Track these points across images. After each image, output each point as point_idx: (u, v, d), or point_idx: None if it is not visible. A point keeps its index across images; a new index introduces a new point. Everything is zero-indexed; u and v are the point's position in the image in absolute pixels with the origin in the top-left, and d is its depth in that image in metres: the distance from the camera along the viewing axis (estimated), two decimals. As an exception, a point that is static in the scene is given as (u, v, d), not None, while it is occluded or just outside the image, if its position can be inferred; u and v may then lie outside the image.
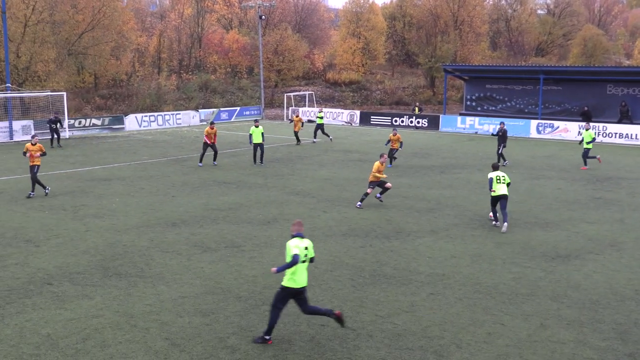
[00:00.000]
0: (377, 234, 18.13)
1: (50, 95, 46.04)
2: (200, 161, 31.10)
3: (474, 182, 26.10)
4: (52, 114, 41.06)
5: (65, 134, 44.12)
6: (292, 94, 64.50)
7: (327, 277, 14.44)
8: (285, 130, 47.72)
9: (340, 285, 14.00)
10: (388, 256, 16.11)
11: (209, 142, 31.10)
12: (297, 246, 10.85)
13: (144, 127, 50.62)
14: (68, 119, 45.18)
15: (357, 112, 54.89)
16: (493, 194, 18.71)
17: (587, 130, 31.28)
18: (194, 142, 41.05)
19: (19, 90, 45.75)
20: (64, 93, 44.94)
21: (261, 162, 31.28)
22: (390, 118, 52.69)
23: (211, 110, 57.65)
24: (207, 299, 13.09)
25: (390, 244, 17.20)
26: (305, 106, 63.38)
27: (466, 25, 78.16)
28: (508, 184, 18.84)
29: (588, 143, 30.78)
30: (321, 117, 41.24)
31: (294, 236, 11.08)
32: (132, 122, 50.08)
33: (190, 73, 71.70)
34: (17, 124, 43.26)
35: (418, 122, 50.88)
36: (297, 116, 40.80)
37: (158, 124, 51.73)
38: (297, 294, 10.90)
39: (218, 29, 79.37)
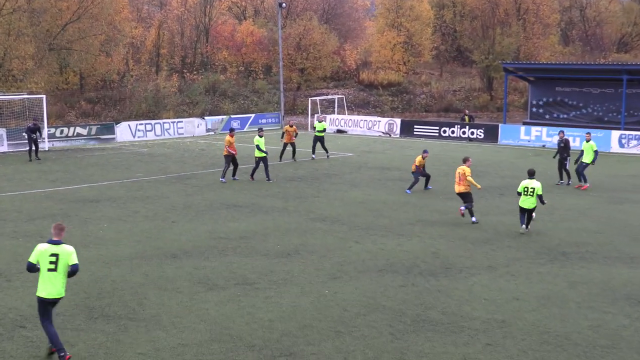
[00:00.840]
0: (421, 270, 18.03)
1: (27, 98, 46.69)
2: (223, 176, 31.57)
3: (541, 207, 25.92)
4: (31, 122, 41.65)
5: (45, 145, 44.65)
6: (317, 98, 64.74)
7: (360, 323, 14.37)
8: (309, 143, 47.76)
9: (375, 332, 13.93)
10: (435, 297, 16.01)
11: (233, 153, 31.92)
12: (38, 252, 12.16)
13: (138, 137, 51.10)
14: (48, 127, 45.78)
15: (397, 121, 54.92)
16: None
17: None
18: (199, 156, 41.31)
19: (-11, 92, 46.46)
20: (44, 96, 45.57)
21: (268, 179, 31.77)
22: (437, 128, 52.64)
23: (220, 117, 58.06)
24: (213, 348, 13.10)
25: (438, 282, 17.08)
26: (334, 112, 63.56)
27: (531, 14, 78.06)
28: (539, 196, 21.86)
29: None
30: (322, 129, 40.44)
31: (47, 241, 12.20)
32: (125, 132, 50.57)
33: (195, 72, 72.33)
34: (-13, 134, 43.91)
35: (472, 133, 50.74)
36: (290, 125, 39.87)
37: (156, 134, 52.18)
38: (51, 305, 12.21)
39: (229, 20, 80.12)
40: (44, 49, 56.88)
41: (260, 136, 32.30)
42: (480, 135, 50.55)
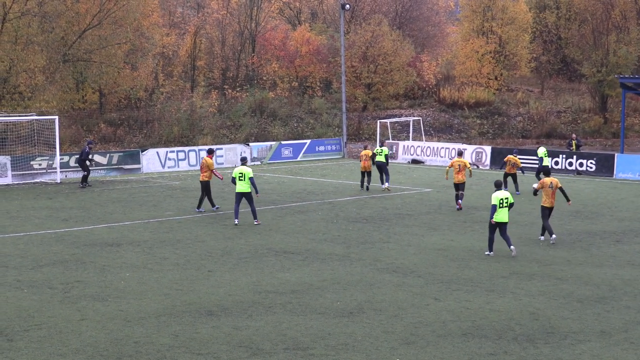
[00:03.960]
0: (515, 335, 17.81)
1: (37, 120, 47.57)
2: (214, 205, 32.13)
3: (669, 258, 25.49)
4: (86, 143, 44.33)
5: (56, 176, 45.45)
6: (388, 120, 64.86)
7: (439, 400, 14.23)
8: (377, 175, 47.75)
9: (458, 412, 13.77)
10: (533, 369, 15.78)
11: (220, 178, 34.04)
12: None
13: (169, 167, 51.70)
14: (60, 154, 46.57)
15: (487, 149, 54.66)
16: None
17: None
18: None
19: (-8, 112, 47.51)
20: (56, 117, 46.44)
21: (254, 219, 31.73)
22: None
23: (268, 144, 58.55)
24: None
25: (537, 350, 16.85)
26: (408, 138, 63.55)
27: (656, 17, 77.29)
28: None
29: None
30: (382, 153, 42.49)
31: None
32: (153, 161, 51.19)
33: (238, 89, 73.11)
34: (-12, 162, 44.84)
35: (581, 165, 50.22)
36: (365, 147, 43.09)
37: (190, 164, 52.76)
38: None
39: (280, 25, 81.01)
40: (57, 61, 58.10)
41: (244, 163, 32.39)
42: (591, 167, 49.98)
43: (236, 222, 31.58)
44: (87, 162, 44.35)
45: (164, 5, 76.68)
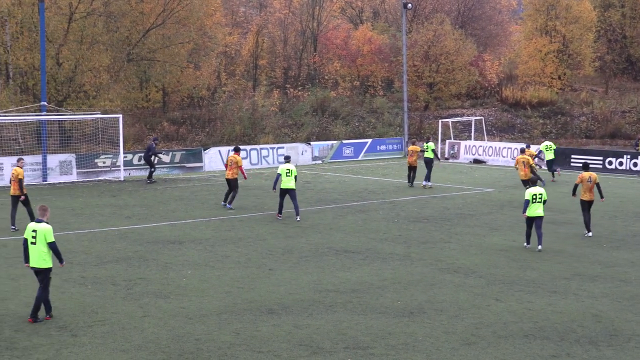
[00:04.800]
0: (578, 337, 17.63)
1: (101, 118, 48.12)
2: (230, 202, 32.66)
3: None
4: (151, 139, 45.08)
5: (120, 174, 45.97)
6: (450, 120, 64.57)
7: (500, 401, 14.13)
8: (440, 175, 47.65)
9: (519, 414, 13.67)
10: (596, 372, 15.62)
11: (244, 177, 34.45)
12: (26, 229, 18.60)
13: (231, 166, 51.92)
14: (124, 153, 47.05)
15: (550, 149, 54.09)
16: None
17: None
18: (303, 190, 41.64)
19: (57, 110, 48.17)
20: (120, 116, 46.91)
21: (297, 217, 32.39)
22: (601, 159, 51.62)
23: (329, 143, 58.59)
24: None
25: (599, 353, 16.66)
26: (470, 138, 63.22)
27: None
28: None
29: None
30: (429, 149, 43.30)
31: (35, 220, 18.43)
32: (215, 159, 51.50)
33: (300, 88, 73.23)
34: (54, 159, 45.51)
35: (646, 166, 49.55)
36: (413, 143, 43.92)
37: (251, 162, 52.98)
38: (35, 274, 18.48)
39: (342, 24, 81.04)
40: (122, 60, 58.75)
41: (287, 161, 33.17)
42: (656, 168, 49.31)
43: (279, 217, 32.38)
44: (153, 158, 44.96)
45: (226, 5, 77.09)
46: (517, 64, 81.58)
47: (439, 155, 53.00)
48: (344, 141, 59.83)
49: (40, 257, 18.18)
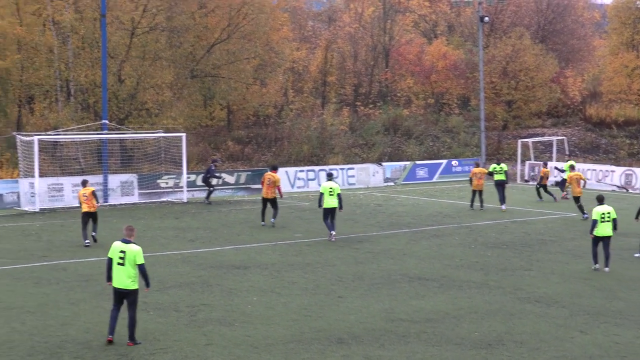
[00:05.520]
0: (670, 373, 17.29)
1: (164, 137, 48.57)
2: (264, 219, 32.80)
3: None
4: (211, 160, 46.11)
5: (183, 195, 46.31)
6: (530, 140, 64.01)
7: None
8: (519, 198, 47.27)
9: None
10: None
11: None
12: (112, 248, 18.82)
13: (298, 187, 52.10)
14: (187, 173, 47.41)
15: (638, 171, 53.35)
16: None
17: None
18: (374, 214, 41.60)
19: (119, 129, 48.76)
20: (183, 134, 47.34)
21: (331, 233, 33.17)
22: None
23: (402, 164, 58.43)
24: None
25: (694, 390, 16.31)
26: (551, 159, 62.63)
27: None
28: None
29: None
30: (502, 170, 43.32)
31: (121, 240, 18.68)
32: (282, 180, 51.46)
33: (371, 105, 73.24)
34: (115, 179, 46.05)
35: None
36: (477, 165, 44.49)
37: (319, 184, 52.93)
38: (120, 295, 18.72)
39: (415, 38, 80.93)
40: (185, 76, 59.35)
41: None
42: None
43: (333, 234, 33.05)
44: (211, 180, 45.38)
45: (294, 19, 77.56)
46: (601, 80, 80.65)
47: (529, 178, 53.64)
48: (418, 162, 59.63)
49: (129, 279, 18.56)
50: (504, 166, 43.41)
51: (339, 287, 24.82)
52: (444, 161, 60.60)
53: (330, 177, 34.62)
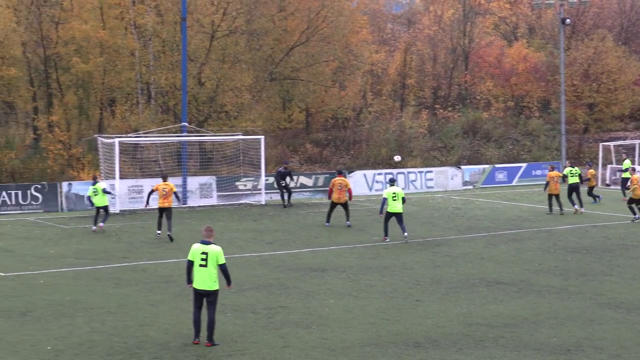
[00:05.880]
0: None
1: (242, 139, 48.96)
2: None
3: None
4: (282, 165, 46.65)
5: (261, 198, 46.62)
6: (612, 143, 63.23)
7: None
8: (600, 202, 46.78)
9: None
10: None
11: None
12: (192, 251, 19.04)
13: (376, 190, 52.11)
14: (265, 175, 47.72)
15: None
16: None
17: None
18: (453, 217, 41.48)
19: (198, 131, 49.27)
20: (262, 137, 47.67)
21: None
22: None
23: (480, 167, 58.11)
24: None
25: None
26: (634, 162, 61.77)
27: None
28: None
29: None
30: (576, 174, 43.38)
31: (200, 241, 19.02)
32: (360, 183, 51.74)
33: (450, 108, 72.95)
34: (194, 182, 46.52)
35: None
36: (552, 169, 43.25)
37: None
38: (201, 296, 18.97)
39: (495, 41, 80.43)
40: (264, 79, 59.75)
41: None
42: None
43: (406, 235, 33.51)
44: (283, 183, 45.54)
45: (373, 22, 77.57)
46: (687, 83, 79.40)
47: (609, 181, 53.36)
48: (497, 165, 59.28)
49: (211, 280, 18.83)
50: (577, 169, 43.40)
51: (417, 291, 24.84)
52: (524, 164, 60.14)
53: (392, 182, 35.00)
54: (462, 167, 57.61)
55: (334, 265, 28.70)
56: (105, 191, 36.01)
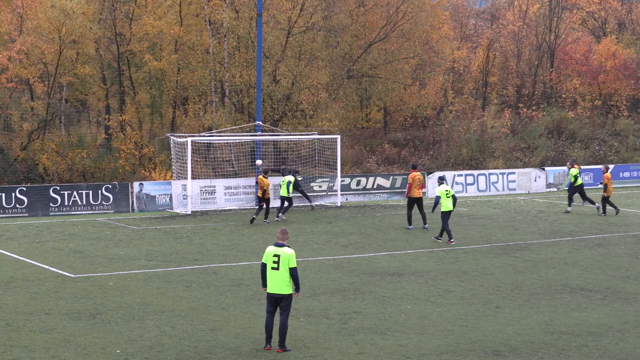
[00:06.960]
0: None
1: (318, 139, 49.03)
2: None
3: None
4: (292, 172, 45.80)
5: (337, 199, 46.59)
6: None
7: None
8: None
9: None
10: None
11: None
12: (266, 253, 18.99)
13: (456, 192, 51.68)
14: (342, 176, 47.71)
15: None
16: None
17: None
18: (535, 221, 41.11)
19: (272, 130, 49.45)
20: (338, 136, 47.68)
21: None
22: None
23: (565, 168, 57.44)
24: None
25: None
26: None
27: None
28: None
29: None
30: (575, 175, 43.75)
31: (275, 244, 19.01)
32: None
33: (534, 107, 72.31)
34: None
35: None
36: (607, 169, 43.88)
37: (479, 189, 52.73)
38: (274, 301, 18.90)
39: (582, 37, 79.47)
40: (341, 77, 59.77)
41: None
42: None
43: (452, 242, 33.92)
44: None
45: (455, 17, 77.29)
46: None
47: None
48: (582, 166, 58.60)
49: (284, 283, 18.74)
50: (576, 170, 43.95)
51: (497, 297, 24.65)
52: (612, 166, 59.38)
53: (442, 180, 35.29)
54: (546, 168, 57.03)
55: (410, 270, 28.60)
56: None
